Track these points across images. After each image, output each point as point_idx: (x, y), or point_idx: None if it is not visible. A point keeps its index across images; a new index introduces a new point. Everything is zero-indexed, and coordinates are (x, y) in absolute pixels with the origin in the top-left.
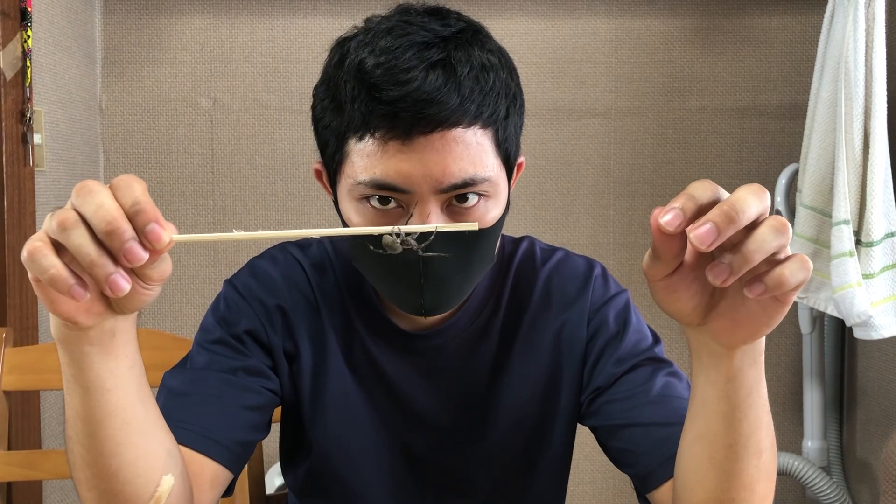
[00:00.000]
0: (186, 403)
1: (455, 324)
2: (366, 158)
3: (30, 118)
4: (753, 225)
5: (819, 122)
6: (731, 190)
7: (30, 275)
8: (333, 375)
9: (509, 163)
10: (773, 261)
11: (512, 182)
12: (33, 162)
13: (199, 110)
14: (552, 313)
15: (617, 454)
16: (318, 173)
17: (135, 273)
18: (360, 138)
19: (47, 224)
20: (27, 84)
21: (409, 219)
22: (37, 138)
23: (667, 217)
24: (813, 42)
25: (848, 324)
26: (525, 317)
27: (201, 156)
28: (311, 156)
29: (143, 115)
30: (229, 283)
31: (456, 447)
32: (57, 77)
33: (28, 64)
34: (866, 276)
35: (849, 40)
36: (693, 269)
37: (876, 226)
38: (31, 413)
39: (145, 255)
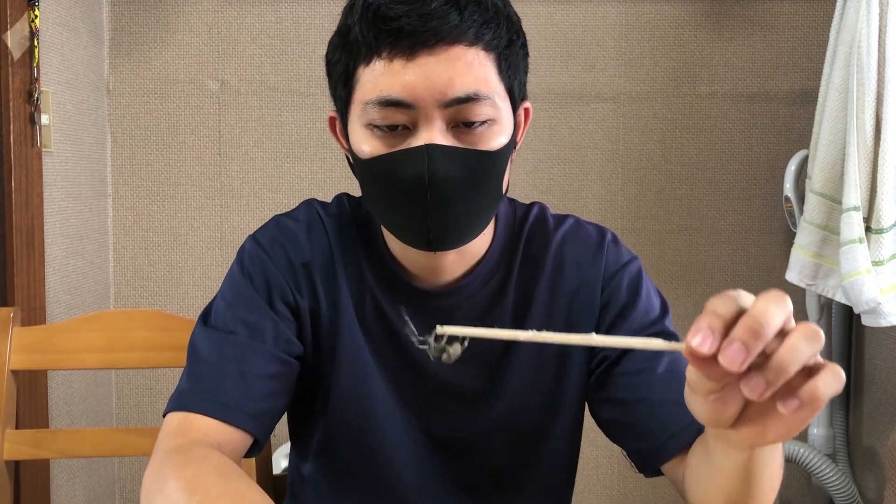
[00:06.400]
0: (213, 372)
1: (469, 283)
2: (373, 79)
3: (37, 98)
4: (782, 333)
5: (830, 108)
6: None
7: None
8: (346, 330)
9: (513, 96)
10: (806, 370)
11: (520, 130)
12: (41, 142)
13: (207, 92)
14: (566, 277)
15: (617, 427)
16: (332, 121)
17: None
18: (368, 63)
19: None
20: (34, 64)
21: (416, 137)
22: (44, 119)
23: (697, 339)
24: (825, 27)
25: (856, 311)
26: (540, 280)
27: (208, 138)
28: (318, 139)
29: (151, 97)
30: (254, 239)
31: (469, 409)
32: (64, 57)
33: (35, 44)
34: (876, 263)
35: (862, 25)
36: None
37: (886, 213)
38: (38, 393)
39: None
